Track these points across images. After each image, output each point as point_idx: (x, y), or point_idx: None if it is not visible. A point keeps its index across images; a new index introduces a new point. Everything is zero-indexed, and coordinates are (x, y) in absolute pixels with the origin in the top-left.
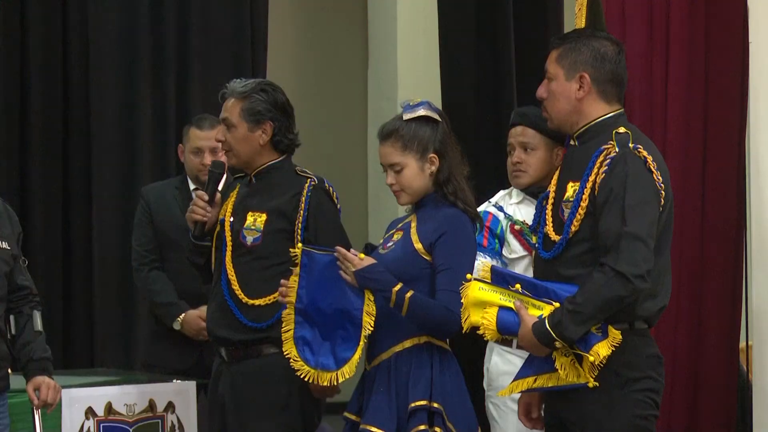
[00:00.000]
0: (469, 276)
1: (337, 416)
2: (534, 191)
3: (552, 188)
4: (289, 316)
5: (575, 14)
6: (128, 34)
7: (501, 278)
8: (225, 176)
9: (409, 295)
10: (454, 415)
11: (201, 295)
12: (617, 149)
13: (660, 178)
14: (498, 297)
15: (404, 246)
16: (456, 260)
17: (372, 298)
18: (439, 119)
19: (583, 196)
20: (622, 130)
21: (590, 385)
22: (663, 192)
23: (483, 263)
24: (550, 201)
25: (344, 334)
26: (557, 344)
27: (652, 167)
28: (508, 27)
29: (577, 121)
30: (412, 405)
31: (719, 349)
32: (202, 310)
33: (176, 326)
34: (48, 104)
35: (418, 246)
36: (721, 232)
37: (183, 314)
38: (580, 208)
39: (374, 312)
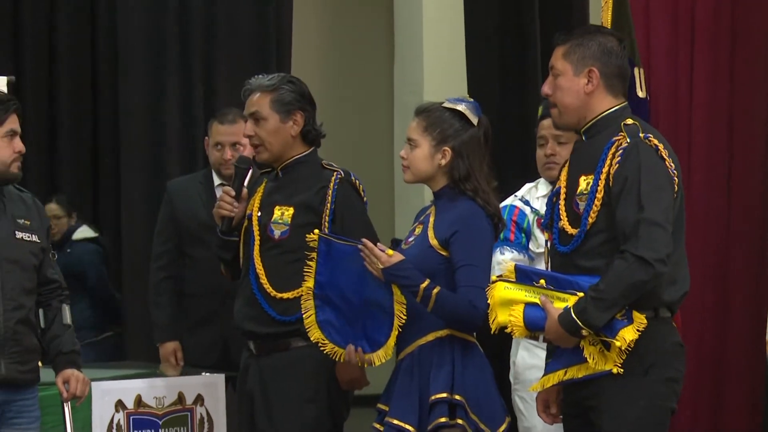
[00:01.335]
0: (494, 277)
1: (365, 409)
2: None
3: (562, 184)
4: (307, 302)
5: (601, 8)
6: (155, 31)
7: (525, 276)
8: (251, 171)
9: (436, 291)
10: (478, 406)
11: (222, 290)
12: (629, 140)
13: (672, 165)
14: (523, 294)
15: (422, 241)
16: (474, 255)
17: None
18: (475, 125)
19: (599, 188)
20: (629, 121)
21: (614, 371)
22: (676, 179)
23: (505, 258)
24: (562, 196)
25: (374, 322)
26: (584, 332)
27: (663, 155)
28: (533, 21)
29: (585, 116)
30: (433, 397)
31: (745, 339)
32: (177, 346)
33: (157, 344)
34: (77, 101)
35: (434, 242)
36: (747, 225)
37: (165, 343)
38: (596, 200)
39: (405, 301)
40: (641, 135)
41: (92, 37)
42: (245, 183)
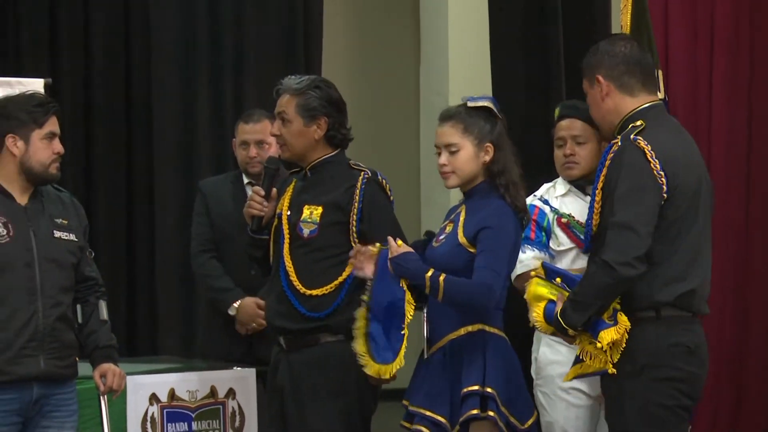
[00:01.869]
0: (533, 273)
1: (392, 402)
2: (582, 184)
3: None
4: (362, 312)
5: (621, 10)
6: (187, 34)
7: (549, 273)
8: (279, 171)
9: (442, 278)
10: (508, 400)
11: (254, 287)
12: (620, 143)
13: (658, 166)
14: (548, 291)
15: (451, 239)
16: (495, 244)
17: (406, 287)
18: (500, 117)
19: (597, 191)
20: (638, 123)
21: (609, 371)
22: (664, 180)
23: (526, 256)
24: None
25: (395, 324)
26: (570, 332)
27: (648, 156)
28: (557, 22)
29: (613, 120)
30: (465, 390)
31: (765, 336)
32: (258, 300)
33: (232, 312)
34: (111, 102)
35: (463, 240)
36: (765, 223)
37: (239, 300)
38: (596, 203)
39: (413, 301)
40: (631, 137)
41: (126, 41)
42: (274, 183)
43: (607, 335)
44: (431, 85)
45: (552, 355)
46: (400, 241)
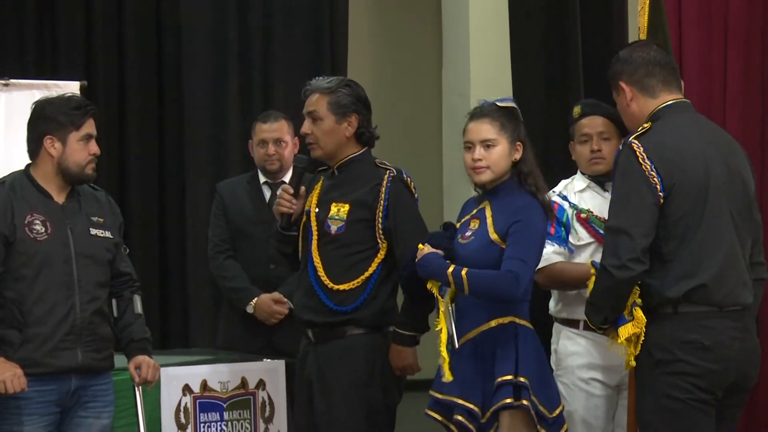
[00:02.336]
0: (592, 270)
1: (417, 393)
2: (601, 180)
3: None
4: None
5: (638, 12)
6: (217, 38)
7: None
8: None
9: (464, 272)
10: (538, 389)
11: (270, 282)
12: (621, 146)
13: (649, 166)
14: None
15: (481, 236)
16: (524, 235)
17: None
18: (522, 120)
19: (611, 193)
20: (646, 125)
21: (631, 364)
22: (657, 179)
23: (546, 251)
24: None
25: None
26: (597, 331)
27: (640, 159)
28: (575, 24)
29: (642, 124)
30: (499, 380)
31: None
32: (274, 295)
33: (249, 310)
34: (144, 104)
35: (494, 237)
36: None
37: (256, 298)
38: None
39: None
40: (629, 140)
41: (158, 44)
42: (303, 181)
43: (625, 330)
44: (453, 86)
45: (572, 347)
46: (421, 245)
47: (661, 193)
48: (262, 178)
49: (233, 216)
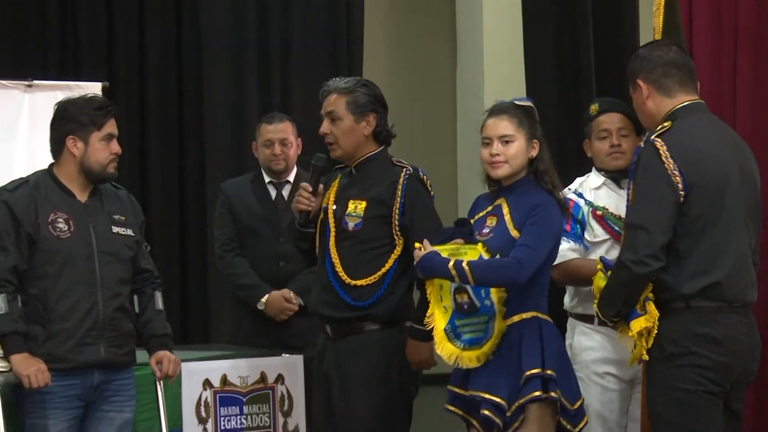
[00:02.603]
0: (599, 266)
1: (433, 387)
2: (616, 177)
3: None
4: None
5: (653, 13)
6: (236, 38)
7: (605, 266)
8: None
9: (465, 263)
10: (560, 382)
11: (279, 278)
12: (642, 144)
13: (672, 165)
14: (604, 283)
15: (501, 233)
16: (537, 226)
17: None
18: (538, 119)
19: (631, 189)
20: (666, 123)
21: (643, 357)
22: (679, 177)
23: (562, 248)
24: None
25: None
26: (608, 323)
27: (663, 156)
28: (587, 25)
29: (657, 121)
30: (528, 373)
31: None
32: (285, 291)
33: (260, 306)
34: (164, 105)
35: (515, 233)
36: None
37: (267, 295)
38: (629, 201)
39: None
40: (651, 138)
41: (178, 46)
42: (321, 179)
43: (637, 324)
44: (467, 86)
45: (587, 342)
46: (417, 243)
47: (681, 192)
48: (266, 178)
49: (240, 214)
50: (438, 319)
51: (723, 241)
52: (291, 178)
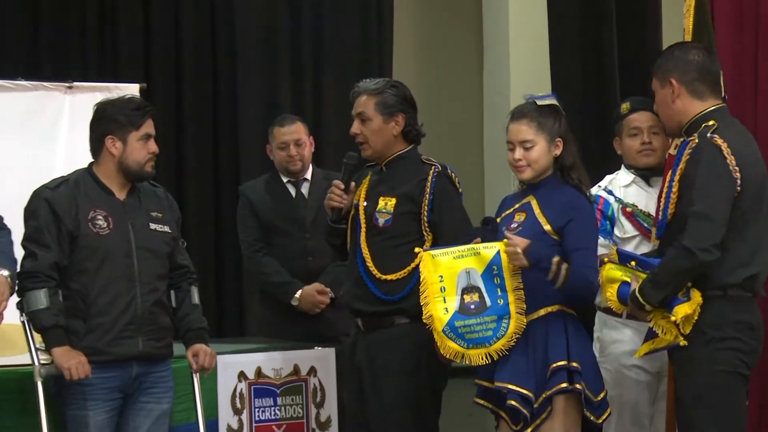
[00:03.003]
0: (606, 259)
1: (461, 379)
2: (646, 174)
3: (663, 181)
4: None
5: (683, 14)
6: (269, 41)
7: (623, 258)
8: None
9: (565, 266)
10: (585, 374)
11: (309, 273)
12: (697, 141)
13: (734, 161)
14: (621, 274)
15: (532, 227)
16: (586, 239)
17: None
18: (563, 113)
19: (674, 182)
20: (710, 123)
21: (681, 343)
22: (739, 174)
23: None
24: (663, 191)
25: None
26: (647, 307)
27: (725, 153)
28: (611, 25)
29: (681, 120)
30: (554, 365)
31: None
32: (317, 285)
33: (294, 302)
34: (199, 104)
35: (548, 227)
36: None
37: (300, 290)
38: (672, 193)
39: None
40: (708, 135)
41: (212, 48)
42: (352, 176)
43: (682, 309)
44: (494, 86)
45: (615, 335)
46: (512, 234)
47: (738, 188)
48: (284, 178)
49: (263, 214)
50: (435, 320)
51: (761, 236)
52: (308, 175)
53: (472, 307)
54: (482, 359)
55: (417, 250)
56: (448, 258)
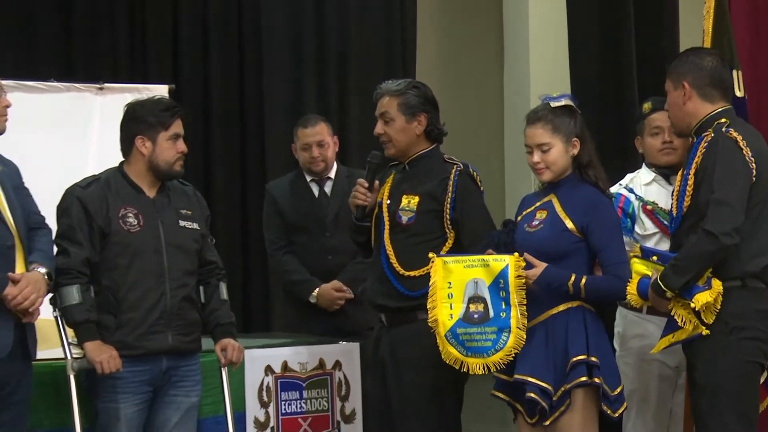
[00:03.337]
0: (631, 254)
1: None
2: (667, 173)
3: (678, 179)
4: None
5: (703, 16)
6: (295, 42)
7: (646, 253)
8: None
9: (583, 282)
10: (603, 368)
11: (329, 271)
12: (713, 135)
13: (750, 153)
14: (644, 268)
15: (553, 225)
16: (612, 235)
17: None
18: (579, 112)
19: (690, 175)
20: (723, 120)
21: (703, 333)
22: (754, 165)
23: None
24: (676, 188)
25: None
26: (668, 294)
27: (741, 145)
28: (629, 27)
29: (690, 122)
30: (574, 359)
31: None
32: (335, 283)
33: (312, 300)
34: (227, 105)
35: (570, 226)
36: None
37: (317, 288)
38: (688, 186)
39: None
40: (723, 130)
41: (239, 51)
42: (376, 175)
43: (703, 297)
44: (514, 87)
45: (636, 330)
46: (535, 260)
47: (753, 179)
48: (308, 177)
49: (286, 213)
50: (439, 325)
51: None
52: (332, 174)
53: (476, 316)
54: (480, 369)
55: (430, 255)
56: (459, 266)
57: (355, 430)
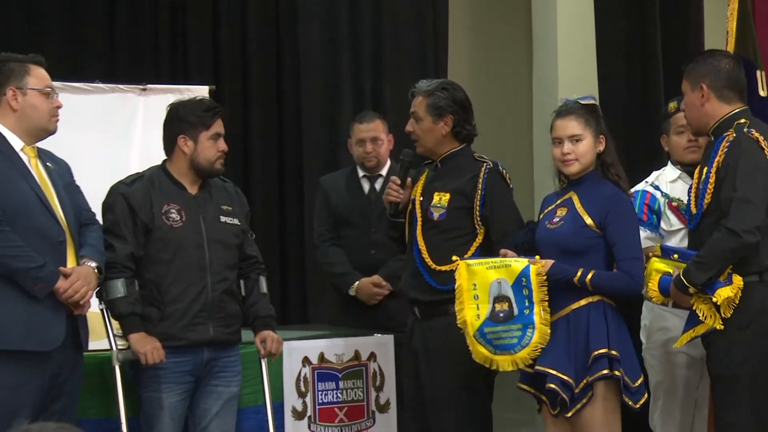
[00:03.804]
0: (651, 254)
1: None
2: (691, 170)
3: (695, 176)
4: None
5: (727, 18)
6: (331, 46)
7: (666, 252)
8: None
9: (589, 278)
10: (623, 361)
11: (370, 265)
12: (734, 134)
13: None
14: (665, 266)
15: (573, 221)
16: (627, 231)
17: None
18: (601, 114)
19: (711, 174)
20: (742, 120)
21: (718, 327)
22: None
23: (642, 236)
24: (694, 186)
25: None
26: (690, 290)
27: (763, 145)
28: (655, 27)
29: (707, 122)
30: (595, 353)
31: None
32: (374, 278)
33: (352, 292)
34: (265, 105)
35: (589, 221)
36: None
37: (357, 282)
38: (709, 185)
39: None
40: (745, 130)
41: (277, 52)
42: (409, 173)
43: (724, 292)
44: (543, 88)
45: (662, 323)
46: (538, 257)
47: None
48: (360, 173)
49: (336, 206)
50: (468, 325)
51: None
52: (384, 171)
53: (501, 315)
54: (509, 365)
55: (454, 258)
56: (482, 268)
57: (389, 420)
